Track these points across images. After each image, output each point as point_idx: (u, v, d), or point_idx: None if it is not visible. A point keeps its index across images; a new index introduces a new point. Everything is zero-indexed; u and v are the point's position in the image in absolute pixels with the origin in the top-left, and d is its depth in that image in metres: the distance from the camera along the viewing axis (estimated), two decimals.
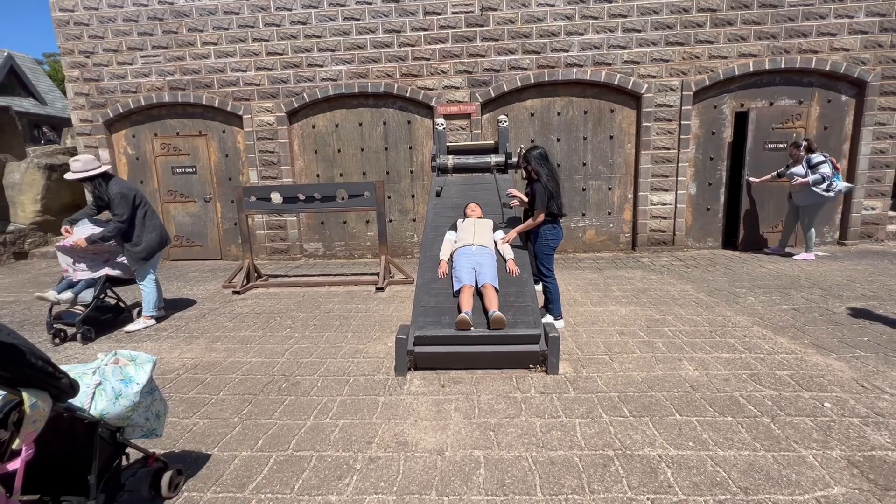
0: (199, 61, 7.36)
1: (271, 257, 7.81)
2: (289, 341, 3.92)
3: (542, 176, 3.80)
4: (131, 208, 4.17)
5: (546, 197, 3.76)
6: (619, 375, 3.05)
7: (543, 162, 3.86)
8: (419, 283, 3.69)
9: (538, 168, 3.83)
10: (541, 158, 3.86)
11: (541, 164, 3.84)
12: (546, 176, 3.79)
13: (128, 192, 4.19)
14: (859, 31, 6.63)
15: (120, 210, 4.11)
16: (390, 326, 4.20)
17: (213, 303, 5.24)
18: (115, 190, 4.13)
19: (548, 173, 3.81)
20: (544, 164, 3.85)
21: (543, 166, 3.84)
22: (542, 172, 3.82)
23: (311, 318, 4.53)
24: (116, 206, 4.11)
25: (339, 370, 3.29)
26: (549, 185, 3.78)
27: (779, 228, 7.15)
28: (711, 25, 6.74)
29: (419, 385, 3.01)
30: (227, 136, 7.67)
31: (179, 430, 2.59)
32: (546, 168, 3.84)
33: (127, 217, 4.14)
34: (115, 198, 4.11)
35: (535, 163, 3.84)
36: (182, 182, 7.85)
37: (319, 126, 7.54)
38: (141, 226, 4.25)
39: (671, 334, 3.76)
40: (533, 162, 3.85)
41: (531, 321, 3.24)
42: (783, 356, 3.27)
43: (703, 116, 7.07)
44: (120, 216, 4.11)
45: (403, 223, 7.69)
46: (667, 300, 4.70)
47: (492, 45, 6.97)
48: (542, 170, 3.82)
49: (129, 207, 4.15)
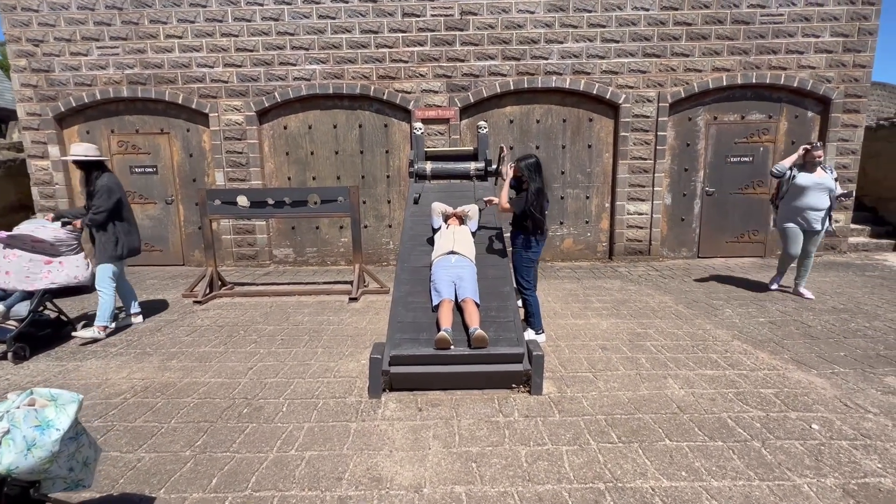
0: (162, 55, 6.92)
1: (238, 264, 7.41)
2: (253, 358, 3.62)
3: (531, 188, 3.57)
4: (114, 204, 4.07)
5: (523, 204, 3.55)
6: (604, 395, 2.92)
7: (535, 174, 3.60)
8: (396, 297, 3.47)
9: (532, 177, 3.58)
10: (534, 168, 3.61)
11: (534, 173, 3.60)
12: (533, 192, 3.55)
13: (115, 187, 4.12)
14: (825, 49, 6.86)
15: (101, 202, 4.01)
16: (364, 341, 3.97)
17: (171, 314, 4.85)
18: (104, 182, 4.05)
19: (536, 188, 3.58)
20: (536, 176, 3.60)
21: (538, 176, 3.60)
22: (534, 183, 3.57)
23: (279, 332, 4.23)
24: (99, 197, 4.01)
25: (308, 392, 3.04)
26: (535, 199, 3.55)
27: (745, 238, 7.32)
28: (687, 39, 6.83)
29: (395, 409, 2.80)
30: (191, 134, 7.24)
31: (121, 467, 2.29)
32: (539, 179, 3.61)
33: (105, 210, 4.02)
34: (101, 189, 4.02)
35: (528, 172, 3.59)
36: (142, 182, 7.36)
37: (292, 127, 7.22)
38: (120, 224, 4.16)
39: (654, 349, 3.68)
40: (525, 171, 3.60)
41: (514, 338, 3.08)
42: (765, 373, 3.23)
43: (678, 128, 7.16)
44: (98, 207, 4.00)
45: (379, 229, 7.44)
46: (647, 312, 4.64)
47: (471, 50, 6.85)
48: (536, 180, 3.58)
49: (112, 202, 4.05)
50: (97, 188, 4.00)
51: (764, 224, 7.31)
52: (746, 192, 7.25)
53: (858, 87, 6.95)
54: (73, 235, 3.98)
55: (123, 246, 4.17)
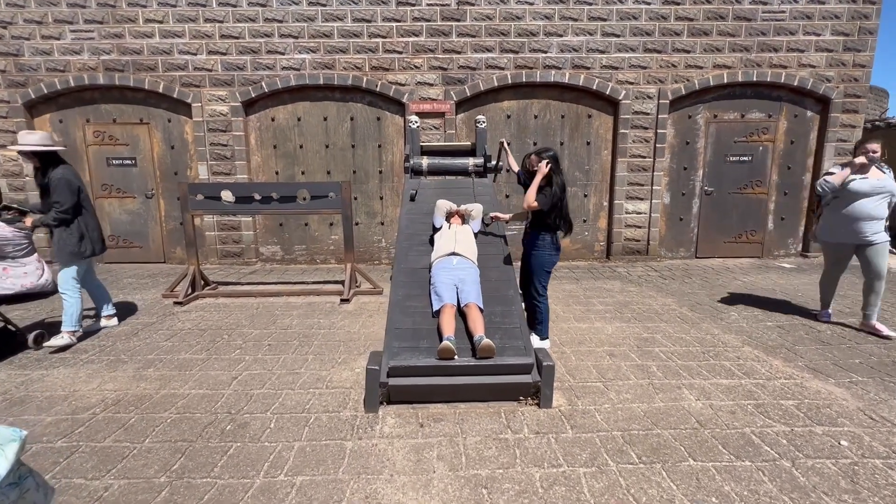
0: (142, 40, 6.54)
1: (223, 261, 7.08)
2: (237, 366, 3.36)
3: (556, 182, 3.35)
4: (75, 197, 3.69)
5: (551, 200, 3.32)
6: (618, 408, 2.74)
7: (558, 167, 3.41)
8: (393, 301, 3.24)
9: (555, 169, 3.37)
10: (556, 160, 3.41)
11: (557, 168, 3.40)
12: (560, 185, 3.36)
13: (74, 179, 3.71)
14: (825, 48, 6.78)
15: (63, 198, 3.60)
16: (357, 346, 3.72)
17: (150, 316, 4.54)
18: (59, 174, 3.62)
19: (562, 182, 3.39)
20: (558, 169, 3.41)
21: (559, 172, 3.41)
22: (557, 175, 3.38)
23: (266, 336, 3.97)
24: (59, 192, 3.60)
25: (298, 405, 2.79)
26: (560, 192, 3.37)
27: (742, 238, 7.24)
28: (688, 34, 6.68)
29: (394, 424, 2.57)
30: (173, 125, 6.87)
31: (85, 497, 2.02)
32: (560, 174, 3.42)
33: (69, 206, 3.64)
34: (58, 183, 3.59)
35: (553, 164, 3.36)
36: (119, 175, 6.97)
37: (280, 119, 6.90)
38: (82, 219, 3.77)
39: (663, 356, 3.51)
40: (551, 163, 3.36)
41: (521, 346, 2.87)
42: (782, 382, 3.08)
43: (678, 126, 7.02)
44: (61, 205, 3.60)
45: (371, 227, 7.17)
46: (651, 315, 4.48)
47: (468, 42, 6.61)
48: (558, 176, 3.38)
49: (74, 197, 3.68)
50: (53, 182, 3.59)
51: (762, 224, 7.24)
52: (745, 191, 7.16)
53: (858, 87, 6.89)
54: (20, 234, 3.58)
55: (88, 243, 3.77)
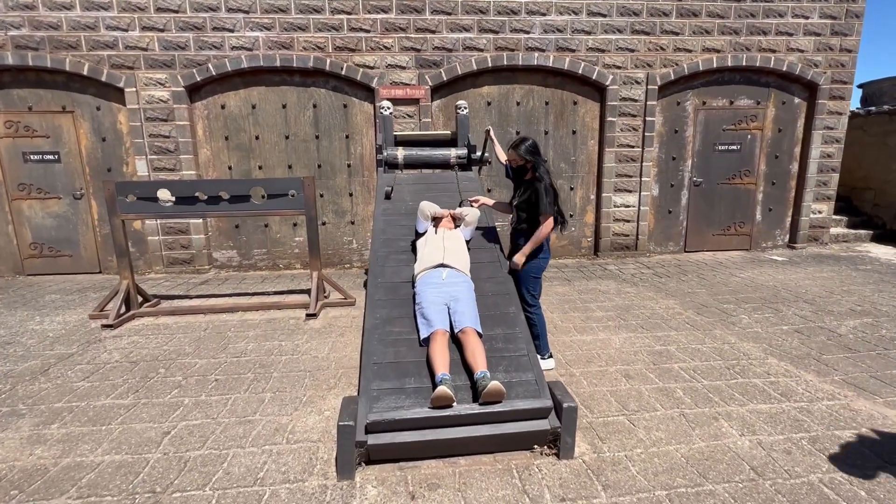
0: (59, 13, 5.54)
1: (169, 270, 6.21)
2: (173, 415, 2.65)
3: (544, 173, 2.93)
4: None
5: (552, 196, 2.90)
6: (653, 454, 2.23)
7: (539, 155, 3.01)
8: (369, 326, 2.61)
9: (537, 162, 2.96)
10: (535, 151, 2.99)
11: (538, 157, 2.99)
12: (548, 184, 2.92)
13: None
14: (813, 32, 6.53)
15: None
16: (327, 378, 3.08)
17: (68, 345, 3.72)
18: None
19: (546, 171, 2.97)
20: (541, 156, 3.01)
21: (541, 161, 2.99)
22: (542, 168, 2.96)
23: (213, 368, 3.26)
24: None
25: (249, 473, 2.14)
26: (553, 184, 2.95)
27: (731, 231, 6.98)
28: (677, 15, 6.27)
29: (376, 497, 1.96)
30: (102, 113, 5.91)
31: None
32: (543, 164, 2.99)
33: None
34: None
35: (531, 157, 2.96)
36: (40, 173, 5.97)
37: (231, 106, 6.06)
38: None
39: (685, 374, 3.05)
40: (527, 156, 2.96)
41: (532, 381, 2.31)
42: (827, 404, 2.67)
43: (666, 113, 6.64)
44: None
45: (340, 226, 6.47)
46: (658, 322, 4.04)
47: (443, 20, 5.96)
48: (542, 166, 2.96)
49: None
50: None
51: (750, 216, 6.99)
52: (734, 182, 6.89)
53: (844, 73, 6.70)
54: None
55: None
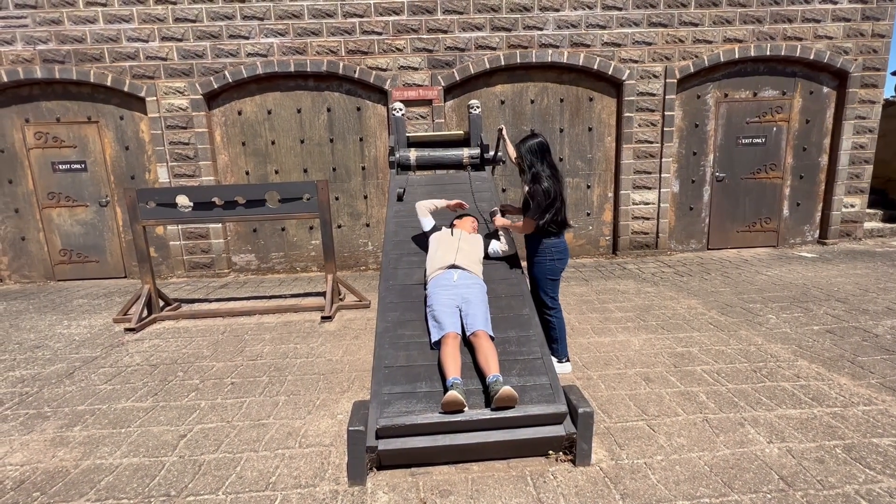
0: (84, 27, 5.73)
1: (190, 274, 6.35)
2: (189, 418, 2.69)
3: (541, 176, 2.85)
4: None
5: (544, 202, 2.81)
6: (674, 461, 2.14)
7: (541, 156, 2.91)
8: (381, 329, 2.59)
9: (534, 163, 2.88)
10: (537, 151, 2.91)
11: (538, 158, 2.90)
12: (547, 177, 2.85)
13: None
14: (842, 17, 6.24)
15: None
16: (340, 381, 3.08)
17: (93, 348, 3.83)
18: None
19: (549, 173, 2.88)
20: (543, 158, 2.91)
21: (542, 161, 2.90)
22: (541, 170, 2.87)
23: (230, 371, 3.30)
24: None
25: (261, 477, 2.14)
26: (552, 187, 2.84)
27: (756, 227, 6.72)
28: (696, 6, 6.09)
29: (387, 502, 1.94)
30: (125, 123, 6.09)
31: None
32: (545, 164, 2.90)
33: None
34: None
35: (530, 157, 2.89)
36: (68, 181, 6.19)
37: (247, 112, 6.16)
38: None
39: (708, 378, 2.94)
40: (527, 156, 2.89)
41: (546, 385, 2.25)
42: (863, 409, 2.52)
43: (686, 107, 6.45)
44: None
45: (355, 229, 6.50)
46: (679, 323, 3.91)
47: (455, 20, 5.93)
48: (540, 167, 2.88)
49: None
50: None
51: (777, 211, 6.73)
52: (759, 176, 6.64)
53: (877, 60, 6.38)
54: None
55: None
